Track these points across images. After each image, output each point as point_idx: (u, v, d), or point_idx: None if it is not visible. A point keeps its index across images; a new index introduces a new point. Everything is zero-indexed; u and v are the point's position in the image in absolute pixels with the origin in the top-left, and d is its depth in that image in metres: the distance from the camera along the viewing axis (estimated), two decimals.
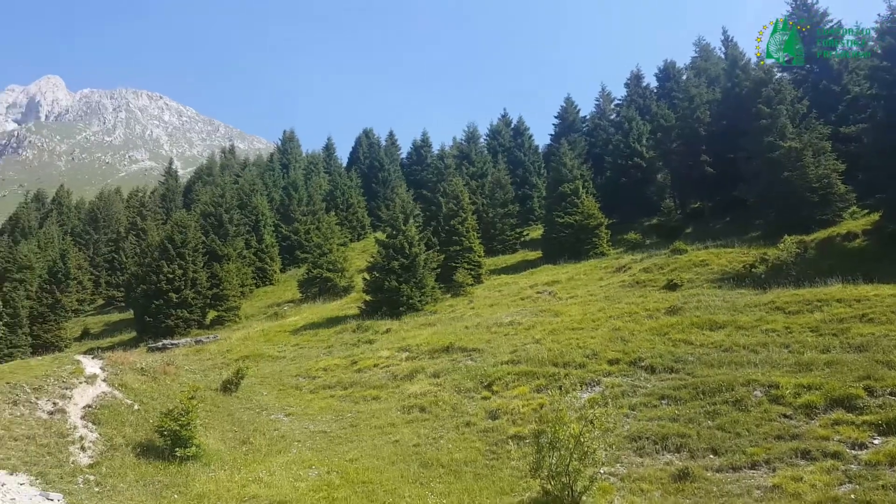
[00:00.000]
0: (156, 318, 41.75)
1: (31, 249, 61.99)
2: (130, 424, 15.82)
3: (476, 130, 66.46)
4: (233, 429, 17.99)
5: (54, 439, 13.77)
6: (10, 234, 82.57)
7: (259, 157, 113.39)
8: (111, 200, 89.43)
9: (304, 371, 24.87)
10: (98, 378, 17.89)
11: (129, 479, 13.16)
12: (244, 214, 59.80)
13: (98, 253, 71.54)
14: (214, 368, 25.79)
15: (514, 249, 47.66)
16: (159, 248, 45.50)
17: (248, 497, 12.79)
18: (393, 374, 22.35)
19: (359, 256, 53.18)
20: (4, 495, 10.82)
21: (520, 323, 25.02)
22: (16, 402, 14.86)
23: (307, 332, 32.42)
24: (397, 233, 35.49)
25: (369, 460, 15.29)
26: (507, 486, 13.21)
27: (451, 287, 36.06)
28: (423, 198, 51.96)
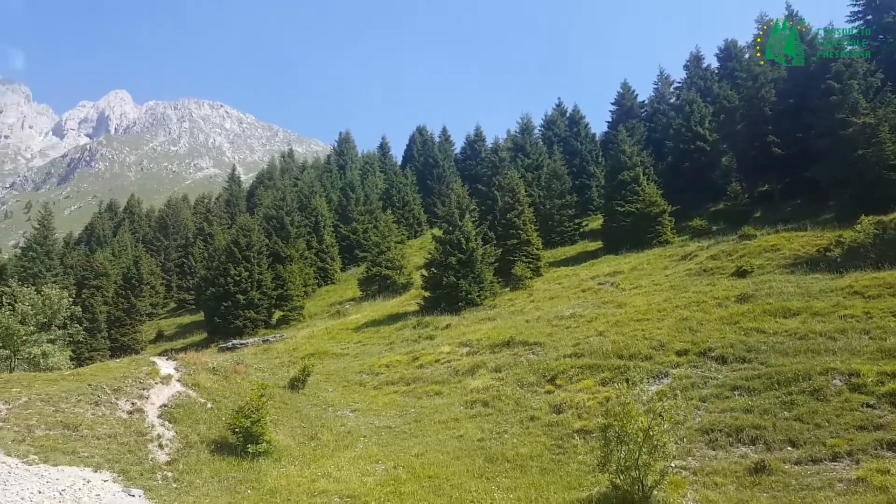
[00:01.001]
0: (225, 319, 43.19)
1: (107, 257, 65.20)
2: (204, 422, 16.32)
3: (530, 122, 65.63)
4: (301, 425, 18.35)
5: (134, 438, 14.33)
6: (86, 242, 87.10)
7: (317, 159, 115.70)
8: (179, 207, 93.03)
9: (367, 368, 25.19)
10: (173, 378, 18.54)
11: (204, 476, 13.58)
12: (304, 216, 61.15)
13: (169, 258, 74.53)
14: (282, 367, 26.40)
15: (573, 241, 46.87)
16: (226, 252, 47.03)
17: (319, 492, 13.01)
18: (454, 370, 22.35)
19: (416, 253, 53.50)
20: (90, 491, 11.33)
21: (582, 315, 24.58)
22: (97, 402, 15.55)
23: (369, 330, 32.83)
24: (454, 228, 35.48)
25: (434, 455, 15.32)
26: (574, 480, 12.99)
27: (510, 281, 35.80)
28: (479, 192, 51.78)
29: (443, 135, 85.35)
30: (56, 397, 15.16)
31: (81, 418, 14.39)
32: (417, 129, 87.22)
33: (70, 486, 11.28)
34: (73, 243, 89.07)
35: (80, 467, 12.33)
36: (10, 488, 10.64)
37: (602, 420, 12.58)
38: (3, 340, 28.08)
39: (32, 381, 16.81)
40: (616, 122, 60.07)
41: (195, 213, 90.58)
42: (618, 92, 64.35)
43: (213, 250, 55.31)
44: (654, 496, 11.24)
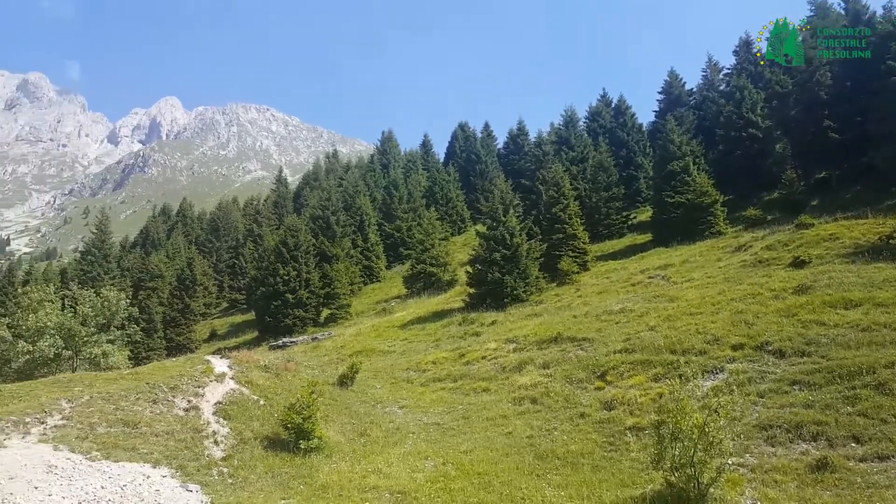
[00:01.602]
0: (275, 317, 44.03)
1: (161, 259, 67.38)
2: (257, 419, 16.64)
3: (574, 114, 64.54)
4: (350, 421, 18.53)
5: (190, 434, 14.70)
6: (142, 245, 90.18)
7: (360, 158, 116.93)
8: (229, 210, 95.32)
9: (414, 364, 25.28)
10: (226, 376, 18.97)
11: (258, 471, 13.84)
12: (349, 215, 61.85)
13: (220, 259, 76.46)
14: (330, 364, 26.74)
15: (621, 234, 45.99)
16: (275, 252, 47.93)
17: (369, 487, 13.10)
18: (501, 366, 22.21)
19: (460, 250, 53.45)
20: (150, 487, 11.68)
21: (632, 310, 24.09)
22: (155, 400, 16.03)
23: (415, 327, 32.96)
24: (497, 224, 35.26)
25: (483, 452, 15.26)
26: (627, 478, 12.77)
27: (556, 276, 35.36)
28: (522, 187, 51.35)
29: (485, 130, 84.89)
30: (116, 396, 15.68)
31: (140, 416, 14.84)
32: (459, 125, 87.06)
33: (131, 482, 11.64)
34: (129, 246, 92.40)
35: (139, 463, 12.70)
36: (75, 483, 11.04)
37: (655, 417, 12.29)
38: (66, 341, 29.28)
39: (94, 381, 17.45)
40: (664, 111, 58.61)
41: (245, 215, 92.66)
42: (665, 80, 62.78)
43: (262, 251, 56.45)
44: (711, 494, 10.95)
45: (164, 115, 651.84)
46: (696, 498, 10.94)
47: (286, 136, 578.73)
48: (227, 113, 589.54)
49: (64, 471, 11.42)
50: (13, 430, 12.87)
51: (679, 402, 11.48)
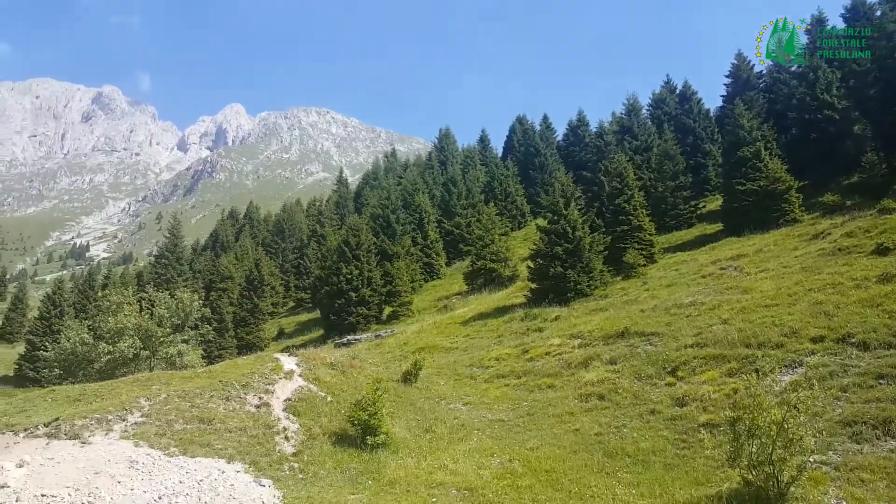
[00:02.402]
0: (339, 316, 44.85)
1: (231, 261, 69.75)
2: (325, 415, 16.90)
3: (637, 101, 62.80)
4: (415, 418, 18.59)
5: (262, 430, 15.05)
6: (212, 248, 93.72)
7: (418, 156, 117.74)
8: (293, 211, 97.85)
9: (476, 361, 25.17)
10: (294, 373, 19.36)
11: (327, 467, 14.03)
12: (409, 213, 62.36)
13: (286, 260, 78.57)
14: (394, 361, 26.95)
15: (689, 224, 44.47)
16: (337, 252, 48.81)
17: (436, 484, 13.08)
18: (566, 362, 21.82)
19: (521, 245, 52.98)
20: (225, 481, 12.00)
21: (703, 303, 23.21)
22: (228, 397, 16.50)
23: (476, 323, 32.84)
24: (559, 218, 34.68)
25: (550, 449, 15.02)
26: (701, 476, 12.28)
27: (622, 269, 34.52)
28: (584, 179, 50.36)
29: (543, 123, 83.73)
30: (191, 393, 16.22)
31: (214, 412, 15.29)
32: (517, 119, 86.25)
33: (207, 477, 11.99)
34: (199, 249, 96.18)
35: (214, 458, 13.08)
36: (155, 478, 11.47)
37: (730, 413, 11.77)
38: (144, 342, 30.63)
39: (170, 379, 18.12)
40: (731, 95, 56.20)
41: (308, 216, 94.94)
42: (732, 64, 60.16)
43: (325, 251, 57.62)
44: (792, 493, 10.40)
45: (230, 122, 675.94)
46: (775, 497, 10.44)
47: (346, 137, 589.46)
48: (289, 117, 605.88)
49: (144, 466, 11.88)
50: (97, 427, 13.48)
51: (755, 398, 10.96)
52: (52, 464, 11.39)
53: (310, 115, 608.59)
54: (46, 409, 15.60)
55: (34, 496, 10.10)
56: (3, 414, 15.91)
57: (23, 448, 12.32)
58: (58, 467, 11.26)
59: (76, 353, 31.93)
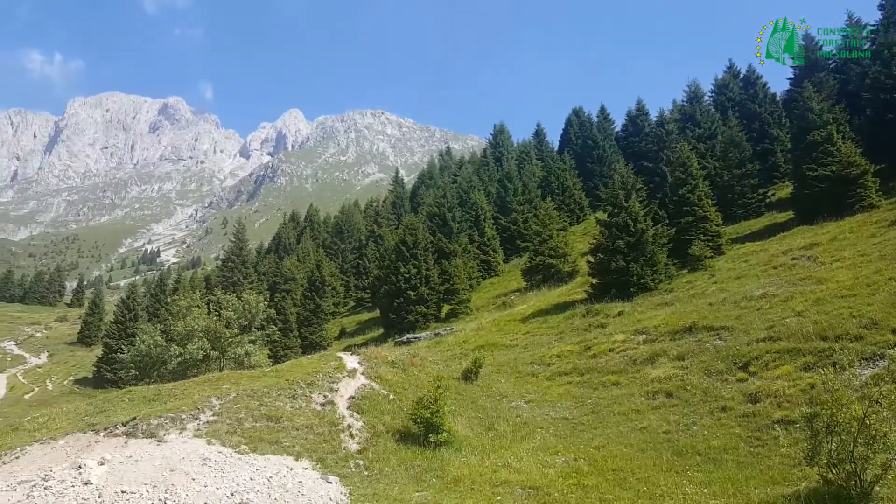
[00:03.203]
0: (398, 314, 45.25)
1: (293, 263, 71.46)
2: (388, 413, 17.02)
3: (698, 88, 60.69)
4: (477, 415, 18.51)
5: (327, 428, 15.27)
6: (275, 251, 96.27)
7: (473, 154, 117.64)
8: (351, 213, 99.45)
9: (537, 358, 24.88)
10: (357, 372, 19.59)
11: (392, 464, 14.11)
12: (465, 211, 62.32)
13: (346, 260, 79.90)
14: (454, 359, 26.93)
15: (758, 213, 42.66)
16: (395, 251, 49.26)
17: (500, 482, 12.96)
18: (631, 359, 21.30)
19: (580, 239, 52.14)
20: (293, 478, 12.24)
21: (774, 295, 22.24)
22: (294, 396, 16.83)
23: (536, 320, 32.48)
24: (619, 210, 33.86)
25: (616, 447, 14.68)
26: (777, 474, 11.72)
27: (688, 262, 33.41)
28: (645, 170, 49.17)
29: (601, 114, 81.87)
30: (259, 392, 16.62)
31: (282, 411, 15.61)
32: (573, 111, 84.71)
33: (276, 473, 12.25)
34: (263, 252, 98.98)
35: (283, 456, 13.34)
36: (227, 475, 11.78)
37: (807, 409, 11.21)
38: (213, 343, 31.68)
39: (239, 379, 18.62)
40: (799, 78, 53.65)
41: (366, 217, 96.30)
42: (799, 45, 57.50)
43: (383, 250, 58.29)
44: (876, 492, 9.78)
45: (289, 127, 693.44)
46: (858, 496, 9.84)
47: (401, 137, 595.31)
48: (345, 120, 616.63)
49: (217, 463, 12.22)
50: (171, 426, 13.97)
51: (834, 393, 10.40)
52: (131, 461, 11.86)
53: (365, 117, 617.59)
54: (124, 409, 16.28)
55: (115, 493, 10.52)
56: (85, 414, 16.71)
57: (103, 446, 12.88)
58: (136, 465, 11.72)
59: (150, 354, 33.33)
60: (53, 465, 12.07)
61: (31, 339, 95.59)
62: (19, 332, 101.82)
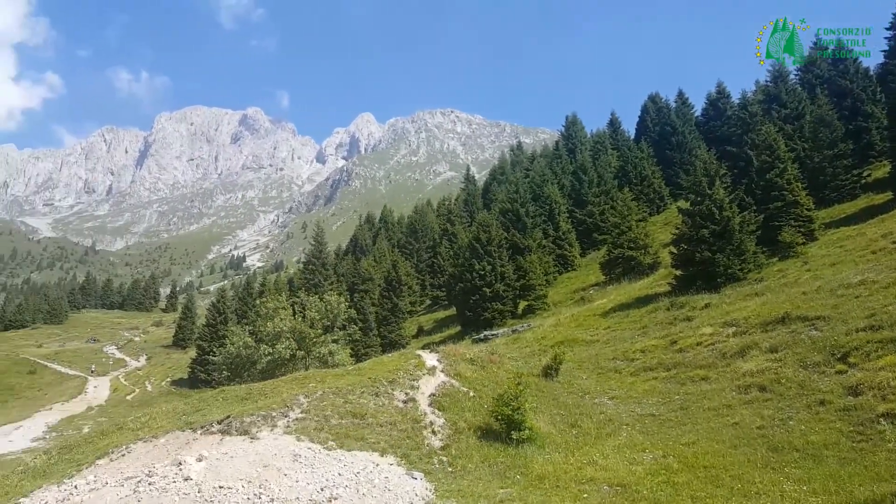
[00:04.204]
0: (474, 311, 45.33)
1: (370, 263, 72.89)
2: (469, 410, 17.07)
3: (783, 66, 57.53)
4: (559, 412, 18.29)
5: (410, 425, 15.48)
6: (352, 252, 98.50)
7: (545, 147, 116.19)
8: (424, 212, 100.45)
9: (620, 354, 24.31)
10: (437, 369, 19.75)
11: (475, 461, 14.16)
12: (538, 205, 61.66)
13: (420, 259, 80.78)
14: (532, 355, 26.70)
15: (853, 195, 39.99)
16: (469, 249, 49.38)
17: (586, 479, 12.75)
18: (720, 352, 20.46)
19: (661, 230, 50.58)
20: (380, 474, 12.50)
21: (874, 281, 20.80)
22: (377, 393, 17.16)
23: (617, 314, 31.74)
24: (702, 198, 32.55)
25: (707, 444, 14.13)
26: (884, 471, 10.97)
27: (777, 249, 31.76)
28: (728, 155, 46.97)
29: (679, 99, 78.80)
30: (344, 390, 17.06)
31: (366, 408, 15.97)
32: (649, 97, 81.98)
33: (363, 469, 12.55)
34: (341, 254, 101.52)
35: (369, 452, 13.64)
36: (316, 471, 12.18)
37: None
38: (299, 343, 32.78)
39: (324, 377, 19.18)
40: (894, 49, 50.02)
41: (438, 216, 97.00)
42: (893, 14, 53.45)
43: (457, 248, 58.57)
44: None
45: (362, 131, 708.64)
46: None
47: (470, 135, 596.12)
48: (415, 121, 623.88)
49: (307, 459, 12.65)
50: (263, 423, 14.55)
51: None
52: (227, 458, 12.43)
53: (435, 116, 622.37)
54: (218, 408, 17.10)
55: (213, 488, 11.07)
56: (183, 413, 17.69)
57: (201, 444, 13.58)
58: (231, 461, 12.28)
59: (240, 355, 34.81)
60: (156, 461, 12.83)
61: (130, 344, 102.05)
62: (120, 337, 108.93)
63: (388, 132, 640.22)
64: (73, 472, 13.98)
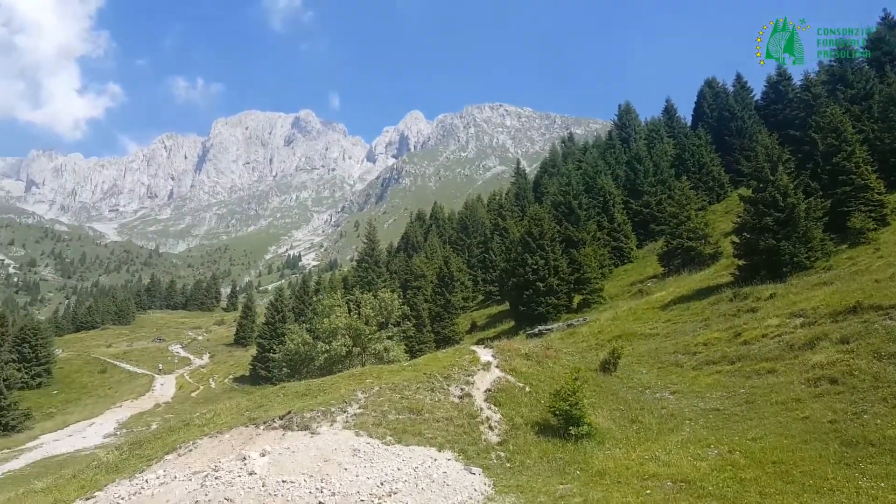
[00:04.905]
0: (528, 306, 44.95)
1: (422, 260, 73.22)
2: (525, 405, 16.94)
3: (848, 44, 55.07)
4: (619, 407, 17.94)
5: (466, 420, 15.47)
6: (404, 250, 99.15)
7: (597, 137, 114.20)
8: (474, 208, 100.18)
9: (681, 347, 23.66)
10: (491, 365, 19.68)
11: (533, 456, 14.03)
12: (591, 197, 60.64)
13: (472, 255, 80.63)
14: (589, 350, 26.31)
15: None
16: (521, 243, 48.98)
17: (649, 475, 12.48)
18: (788, 344, 19.65)
19: (721, 219, 49.03)
20: (438, 469, 12.54)
21: None
22: (433, 389, 17.22)
23: (677, 307, 30.91)
24: (765, 185, 31.31)
25: (775, 439, 13.59)
26: None
27: (847, 236, 30.31)
28: (791, 139, 45.12)
29: (737, 83, 75.74)
30: (400, 385, 17.18)
31: (422, 403, 16.04)
32: (706, 82, 79.22)
33: (421, 464, 12.61)
34: (393, 252, 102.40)
35: (426, 447, 13.70)
36: (376, 465, 12.31)
37: None
38: (354, 340, 33.24)
39: (380, 373, 19.37)
40: None
41: (489, 211, 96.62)
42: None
43: (508, 243, 58.14)
44: None
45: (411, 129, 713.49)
46: None
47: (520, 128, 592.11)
48: (463, 116, 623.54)
49: (365, 454, 12.80)
50: (322, 418, 14.80)
51: None
52: (289, 453, 12.70)
53: (483, 111, 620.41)
54: (279, 404, 17.48)
55: (276, 482, 11.33)
56: (245, 409, 18.15)
57: (264, 439, 13.92)
58: (293, 456, 12.54)
59: (299, 352, 35.58)
60: (221, 456, 13.21)
61: (194, 342, 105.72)
62: (184, 336, 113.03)
63: (436, 129, 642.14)
64: (143, 466, 14.55)
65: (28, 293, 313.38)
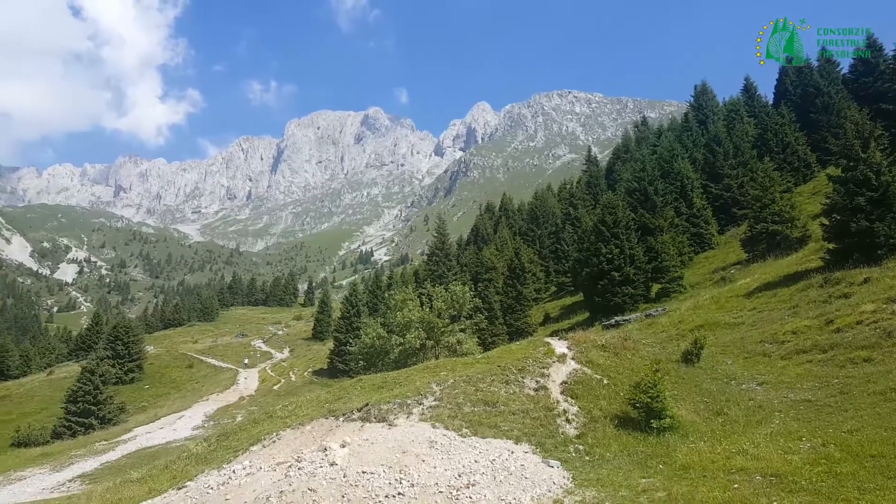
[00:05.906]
0: (603, 297, 44.00)
1: (492, 252, 73.02)
2: (603, 398, 16.63)
3: None
4: (703, 400, 17.33)
5: (542, 413, 15.34)
6: (474, 242, 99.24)
7: (672, 120, 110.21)
8: (545, 198, 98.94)
9: (768, 336, 22.56)
10: (567, 357, 19.42)
11: (613, 449, 13.76)
12: (668, 182, 58.67)
13: (543, 246, 79.72)
14: (669, 340, 25.51)
15: None
16: (594, 232, 47.96)
17: (736, 469, 12.00)
18: (885, 331, 18.40)
19: (808, 201, 46.41)
20: (515, 461, 12.49)
21: None
22: (507, 381, 17.16)
23: (763, 294, 29.48)
24: (856, 163, 29.31)
25: (874, 431, 12.79)
26: None
27: None
28: (884, 113, 42.16)
29: (821, 56, 71.19)
30: (474, 378, 17.22)
31: (497, 396, 16.02)
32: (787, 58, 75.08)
33: (498, 457, 12.59)
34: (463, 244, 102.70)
35: (502, 439, 13.67)
36: (452, 457, 12.38)
37: None
38: (427, 332, 33.57)
39: (454, 366, 19.48)
40: None
41: (560, 200, 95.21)
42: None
43: (581, 232, 57.09)
44: None
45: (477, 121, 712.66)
46: None
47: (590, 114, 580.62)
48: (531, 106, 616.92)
49: (442, 446, 12.90)
50: (399, 410, 15.02)
51: None
52: (367, 444, 12.96)
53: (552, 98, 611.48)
54: (357, 396, 17.88)
55: (357, 473, 11.59)
56: (325, 401, 18.67)
57: (343, 430, 14.26)
58: (372, 447, 12.79)
59: (374, 346, 36.28)
60: (303, 447, 13.63)
61: (274, 337, 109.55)
62: (265, 332, 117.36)
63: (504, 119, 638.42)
64: (230, 457, 15.22)
65: (119, 293, 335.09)
